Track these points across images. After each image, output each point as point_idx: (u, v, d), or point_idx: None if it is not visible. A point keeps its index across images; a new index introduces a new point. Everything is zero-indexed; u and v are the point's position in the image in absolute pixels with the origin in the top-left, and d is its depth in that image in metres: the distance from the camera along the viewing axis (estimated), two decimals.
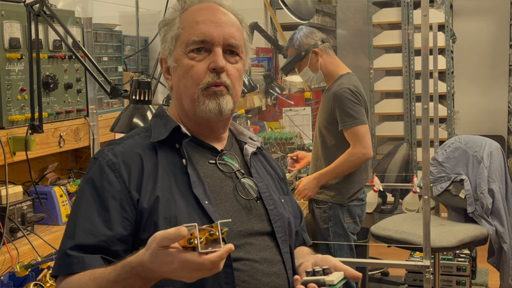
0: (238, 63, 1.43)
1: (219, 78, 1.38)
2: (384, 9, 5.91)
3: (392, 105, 5.91)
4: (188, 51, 1.40)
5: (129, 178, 1.34)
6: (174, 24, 1.45)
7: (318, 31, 3.36)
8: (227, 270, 1.29)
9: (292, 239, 1.47)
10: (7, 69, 2.06)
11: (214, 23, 1.40)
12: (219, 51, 1.39)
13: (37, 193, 2.20)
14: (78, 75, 2.42)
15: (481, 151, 3.62)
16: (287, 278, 1.39)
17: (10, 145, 2.04)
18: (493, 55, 6.26)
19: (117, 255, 1.30)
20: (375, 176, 4.06)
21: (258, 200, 1.43)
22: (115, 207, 1.32)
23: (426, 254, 2.60)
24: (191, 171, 1.37)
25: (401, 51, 5.77)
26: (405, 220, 3.74)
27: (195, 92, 1.39)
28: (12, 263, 1.86)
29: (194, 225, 1.09)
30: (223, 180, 1.42)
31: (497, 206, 3.52)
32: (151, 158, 1.38)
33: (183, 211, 1.32)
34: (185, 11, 1.45)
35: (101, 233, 1.30)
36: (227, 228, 1.12)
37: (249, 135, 1.55)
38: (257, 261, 1.35)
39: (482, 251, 3.93)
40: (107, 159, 1.37)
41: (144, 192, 1.33)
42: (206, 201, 1.34)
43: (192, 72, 1.39)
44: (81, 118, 2.45)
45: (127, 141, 1.43)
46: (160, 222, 1.30)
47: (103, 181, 1.34)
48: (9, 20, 2.06)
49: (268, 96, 4.63)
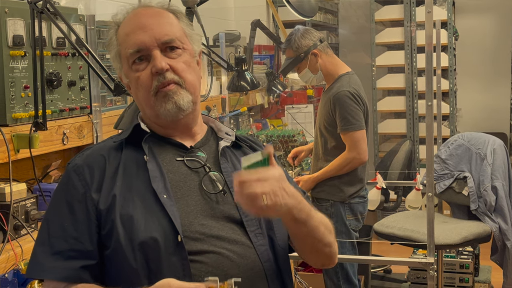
0: (182, 55, 1.42)
1: (165, 78, 1.39)
2: (387, 6, 5.90)
3: (394, 103, 5.90)
4: (131, 64, 1.42)
5: (92, 180, 1.37)
6: (112, 43, 1.46)
7: (315, 31, 3.34)
8: (184, 262, 1.29)
9: (274, 231, 1.42)
10: (10, 66, 2.06)
11: (142, 29, 1.40)
12: (157, 53, 1.39)
13: (40, 190, 2.21)
14: (82, 72, 2.42)
15: (484, 148, 3.62)
16: (263, 270, 1.36)
17: (14, 142, 2.04)
18: (495, 53, 6.25)
19: (93, 256, 1.33)
20: (378, 173, 4.06)
21: (225, 194, 1.41)
22: (81, 209, 1.35)
23: (430, 251, 2.59)
24: (151, 166, 1.38)
25: (404, 48, 5.76)
26: (408, 217, 3.73)
27: (150, 99, 1.41)
28: (16, 261, 1.86)
29: (215, 279, 1.17)
30: (187, 176, 1.42)
31: (500, 203, 3.52)
32: (115, 158, 1.41)
33: (140, 207, 1.33)
34: (119, 27, 1.46)
35: (72, 237, 1.33)
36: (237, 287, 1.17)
37: (225, 131, 1.54)
38: (221, 253, 1.33)
39: (485, 248, 3.92)
40: (73, 164, 1.41)
41: (103, 193, 1.35)
42: (165, 195, 1.34)
43: (140, 82, 1.41)
44: (84, 115, 2.45)
45: (97, 145, 1.48)
46: (116, 219, 1.32)
47: (69, 186, 1.38)
48: (13, 17, 2.06)
49: (271, 94, 4.63)
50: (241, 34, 4.66)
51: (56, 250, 1.33)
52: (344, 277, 3.22)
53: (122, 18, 1.46)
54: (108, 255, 1.33)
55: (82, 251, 1.33)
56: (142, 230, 1.30)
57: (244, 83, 3.42)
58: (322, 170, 3.20)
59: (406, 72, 5.76)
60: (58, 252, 1.33)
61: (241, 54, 4.09)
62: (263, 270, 1.36)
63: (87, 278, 1.32)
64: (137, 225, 1.31)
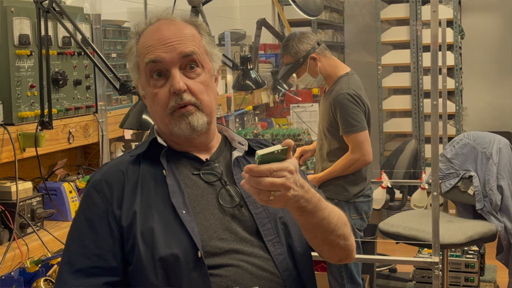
0: (201, 75, 1.42)
1: (182, 100, 1.38)
2: (392, 5, 5.88)
3: (400, 102, 5.89)
4: (150, 78, 1.41)
5: (111, 196, 1.37)
6: (132, 53, 1.46)
7: (311, 34, 3.32)
8: (204, 278, 1.29)
9: (291, 237, 1.43)
10: (16, 65, 2.07)
11: (164, 44, 1.39)
12: (176, 72, 1.39)
13: (46, 189, 2.21)
14: (87, 71, 2.43)
15: (490, 147, 3.61)
16: (282, 281, 1.36)
17: (20, 141, 2.05)
18: (502, 51, 6.23)
19: (117, 272, 1.33)
20: (383, 172, 4.05)
21: (242, 207, 1.41)
22: (103, 226, 1.35)
23: (435, 251, 2.59)
24: (170, 181, 1.38)
25: (409, 47, 5.75)
26: (413, 216, 3.73)
27: (165, 117, 1.41)
28: (22, 259, 1.87)
29: None
30: (205, 190, 1.41)
31: (506, 203, 3.51)
32: (134, 173, 1.40)
33: (160, 223, 1.33)
34: (140, 37, 1.45)
35: (93, 254, 1.33)
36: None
37: (238, 140, 1.53)
38: (240, 266, 1.33)
39: (490, 247, 3.91)
40: (92, 180, 1.41)
41: (124, 209, 1.35)
42: (184, 211, 1.34)
43: (157, 100, 1.40)
44: (90, 114, 2.45)
45: (115, 160, 1.48)
46: (138, 235, 1.32)
47: (89, 203, 1.38)
48: (19, 16, 2.07)
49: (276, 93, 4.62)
50: (247, 33, 4.66)
51: (78, 268, 1.33)
52: (348, 277, 3.22)
53: (143, 28, 1.45)
54: (131, 272, 1.33)
55: (105, 267, 1.33)
56: (162, 246, 1.30)
57: (249, 82, 3.42)
58: (327, 170, 3.20)
59: (412, 71, 5.75)
60: (79, 270, 1.32)
61: (246, 53, 4.10)
62: (282, 280, 1.37)
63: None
64: (157, 241, 1.31)
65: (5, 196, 2.00)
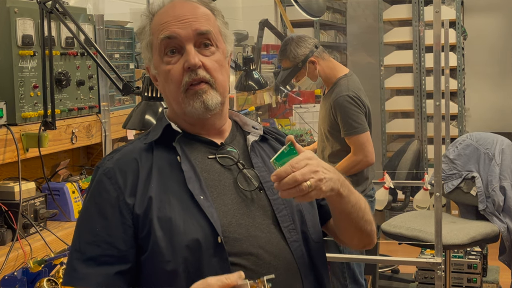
0: (215, 53, 1.40)
1: (196, 75, 1.36)
2: (395, 5, 5.88)
3: (402, 102, 5.89)
4: (163, 55, 1.39)
5: (125, 184, 1.34)
6: (145, 32, 1.43)
7: (309, 37, 3.30)
8: (224, 264, 1.28)
9: (306, 224, 1.42)
10: (20, 66, 2.07)
11: (179, 20, 1.38)
12: (191, 48, 1.36)
13: (49, 189, 2.22)
14: (90, 72, 2.44)
15: (492, 148, 3.61)
16: (297, 268, 1.36)
17: (23, 141, 2.05)
18: (504, 52, 6.22)
19: (128, 260, 1.31)
20: (385, 173, 4.05)
21: (261, 190, 1.40)
22: (114, 214, 1.32)
23: (437, 251, 2.59)
24: (186, 167, 1.36)
25: (412, 48, 5.74)
26: (416, 217, 3.73)
27: (179, 95, 1.38)
28: (25, 259, 1.88)
29: (246, 283, 1.15)
30: (221, 174, 1.40)
31: (508, 204, 3.51)
32: (147, 160, 1.38)
33: (177, 209, 1.31)
34: (154, 16, 1.43)
35: (104, 241, 1.31)
36: (270, 284, 1.15)
37: (252, 124, 1.51)
38: (259, 255, 1.32)
39: (493, 248, 3.91)
40: (104, 167, 1.38)
41: (138, 196, 1.33)
42: (202, 196, 1.32)
43: (171, 76, 1.37)
44: (93, 115, 2.46)
45: (126, 147, 1.44)
46: (154, 221, 1.29)
47: (100, 190, 1.36)
48: (22, 17, 2.08)
49: (278, 93, 4.63)
50: (249, 34, 4.67)
51: (89, 256, 1.30)
52: (351, 277, 3.22)
53: (157, 8, 1.43)
54: (146, 259, 1.31)
55: (116, 255, 1.30)
56: (182, 232, 1.29)
57: (252, 82, 3.42)
58: None
59: (414, 72, 5.74)
60: (90, 258, 1.30)
61: (249, 53, 4.10)
62: (297, 268, 1.36)
63: (122, 285, 1.30)
64: (176, 228, 1.29)
65: (8, 196, 2.01)
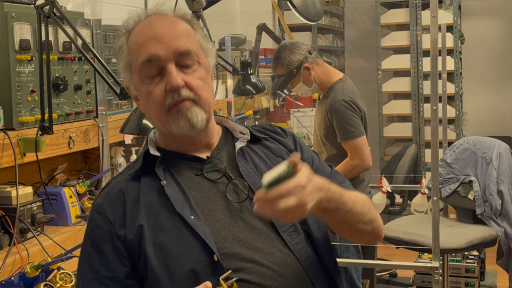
0: (198, 70, 1.35)
1: (179, 96, 1.31)
2: (392, 10, 5.90)
3: (400, 106, 5.90)
4: (144, 77, 1.33)
5: (114, 217, 1.33)
6: (123, 51, 1.37)
7: (302, 43, 3.29)
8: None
9: (307, 222, 1.37)
10: (17, 70, 2.07)
11: (157, 40, 1.32)
12: (172, 68, 1.31)
13: (47, 194, 2.22)
14: (88, 76, 2.44)
15: (490, 152, 3.62)
16: (305, 272, 1.32)
17: (20, 146, 2.05)
18: (502, 56, 6.23)
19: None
20: (383, 177, 4.05)
21: (252, 200, 1.32)
22: (109, 248, 1.31)
23: (435, 256, 2.59)
24: (170, 191, 1.33)
25: (409, 52, 5.75)
26: (413, 221, 3.73)
27: (162, 116, 1.34)
28: (22, 264, 1.87)
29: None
30: (211, 189, 1.36)
31: (506, 208, 3.51)
32: (134, 190, 1.36)
33: (170, 233, 1.29)
34: (130, 34, 1.37)
35: (106, 277, 1.30)
36: (236, 278, 1.14)
37: (239, 130, 1.47)
38: (261, 266, 1.28)
39: (491, 252, 3.91)
40: (95, 204, 1.38)
41: (128, 226, 1.32)
42: (192, 216, 1.29)
43: (152, 99, 1.33)
44: (90, 119, 2.46)
45: (115, 179, 1.42)
46: (148, 249, 1.28)
47: (93, 227, 1.35)
48: (20, 21, 2.08)
49: (276, 97, 4.63)
50: (247, 38, 4.67)
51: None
52: (348, 281, 3.21)
53: (133, 25, 1.37)
54: (149, 285, 1.30)
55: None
56: (176, 256, 1.27)
57: (249, 86, 3.42)
58: None
59: (412, 76, 5.75)
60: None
61: (246, 57, 4.10)
62: (305, 270, 1.32)
63: None
64: (170, 253, 1.27)
65: (5, 201, 2.00)
